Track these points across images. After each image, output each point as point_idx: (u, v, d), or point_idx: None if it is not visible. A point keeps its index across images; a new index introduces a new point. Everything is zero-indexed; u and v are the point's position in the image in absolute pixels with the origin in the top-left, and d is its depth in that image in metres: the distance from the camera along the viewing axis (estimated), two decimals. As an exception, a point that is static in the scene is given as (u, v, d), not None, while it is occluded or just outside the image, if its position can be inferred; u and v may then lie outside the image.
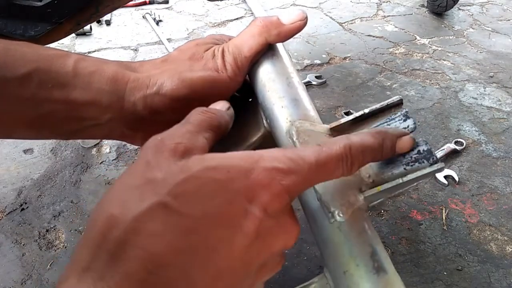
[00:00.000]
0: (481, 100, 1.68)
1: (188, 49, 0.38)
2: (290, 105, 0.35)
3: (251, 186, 0.24)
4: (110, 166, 1.31)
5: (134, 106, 0.35)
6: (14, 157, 1.33)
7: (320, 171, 0.26)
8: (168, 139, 0.25)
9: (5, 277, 0.98)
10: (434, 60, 1.98)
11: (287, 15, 0.37)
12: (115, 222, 0.21)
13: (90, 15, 0.87)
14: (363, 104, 1.61)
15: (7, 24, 0.76)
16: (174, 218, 0.21)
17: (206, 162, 0.24)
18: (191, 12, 2.42)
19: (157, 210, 0.21)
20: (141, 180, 0.23)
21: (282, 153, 0.25)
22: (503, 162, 1.36)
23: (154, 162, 0.24)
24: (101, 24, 2.22)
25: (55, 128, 0.35)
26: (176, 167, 0.23)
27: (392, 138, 0.29)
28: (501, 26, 2.36)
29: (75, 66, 0.33)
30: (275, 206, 0.24)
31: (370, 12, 2.48)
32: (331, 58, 1.96)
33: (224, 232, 0.22)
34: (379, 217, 1.15)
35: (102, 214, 0.22)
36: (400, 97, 0.34)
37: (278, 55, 0.38)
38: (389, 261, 0.28)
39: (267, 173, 0.24)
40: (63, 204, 1.17)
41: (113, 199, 0.23)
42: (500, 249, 1.07)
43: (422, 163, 0.30)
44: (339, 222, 0.29)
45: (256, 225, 0.23)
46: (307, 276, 0.99)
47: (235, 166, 0.24)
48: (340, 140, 0.27)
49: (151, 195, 0.22)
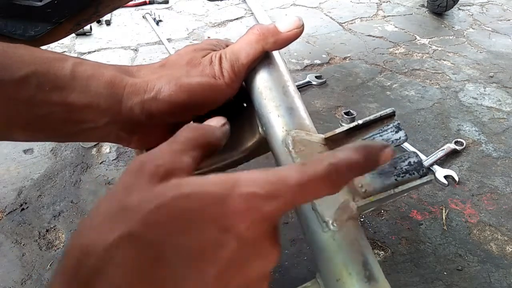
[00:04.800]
0: (481, 100, 1.68)
1: (186, 54, 0.38)
2: (286, 114, 0.36)
3: (226, 215, 0.22)
4: (110, 166, 1.31)
5: (131, 111, 0.35)
6: (14, 157, 1.33)
7: (304, 192, 0.24)
8: (149, 162, 0.25)
9: (5, 277, 0.98)
10: (434, 60, 1.98)
11: (284, 23, 0.38)
12: (87, 252, 0.21)
13: (90, 15, 0.87)
14: (363, 104, 1.61)
15: (7, 24, 0.76)
16: (143, 248, 0.21)
17: (181, 188, 0.23)
18: (191, 12, 2.42)
19: (125, 240, 0.21)
20: (116, 207, 0.23)
21: (261, 175, 0.24)
22: (503, 162, 1.36)
23: (133, 187, 0.23)
24: (101, 24, 2.22)
25: (52, 130, 0.35)
26: (151, 194, 0.23)
27: (376, 152, 0.29)
28: (501, 26, 2.36)
29: (73, 69, 0.33)
30: (252, 234, 0.23)
31: (370, 12, 2.48)
32: (331, 58, 1.96)
33: (195, 264, 0.22)
34: (379, 217, 1.15)
35: (77, 243, 0.22)
36: (393, 109, 0.35)
37: (275, 63, 0.39)
38: (380, 270, 0.30)
39: (243, 199, 0.23)
40: (63, 204, 1.17)
41: (88, 227, 0.23)
42: (500, 249, 1.07)
43: (412, 174, 0.32)
44: (333, 232, 0.30)
45: (230, 255, 0.22)
46: (307, 276, 0.99)
47: (209, 193, 0.23)
48: (325, 158, 0.25)
49: (122, 224, 0.21)
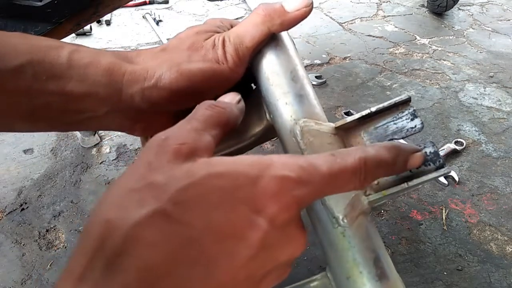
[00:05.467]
0: (481, 100, 1.68)
1: (187, 38, 0.36)
2: (295, 101, 0.33)
3: (259, 196, 0.22)
4: (110, 166, 1.31)
5: (132, 99, 0.33)
6: (14, 157, 1.33)
7: (332, 183, 0.24)
8: (172, 140, 0.24)
9: (5, 277, 0.98)
10: (434, 60, 1.98)
11: (291, 2, 0.35)
12: (112, 228, 0.20)
13: (90, 15, 0.87)
14: (363, 104, 1.61)
15: (7, 24, 0.76)
16: (175, 227, 0.20)
17: (212, 167, 0.22)
18: (191, 12, 2.42)
19: (157, 218, 0.20)
20: (141, 183, 0.21)
21: (293, 160, 0.24)
22: (503, 162, 1.36)
23: (156, 164, 0.22)
24: (101, 24, 2.22)
25: (51, 120, 0.34)
26: (180, 171, 0.22)
27: (406, 154, 0.28)
28: (501, 26, 2.36)
29: (69, 57, 0.32)
30: (283, 217, 0.23)
31: (370, 12, 2.48)
32: (331, 58, 1.95)
33: (227, 244, 0.21)
34: (379, 217, 1.15)
35: (99, 219, 0.21)
36: (408, 95, 0.32)
37: (282, 45, 0.36)
38: (392, 267, 0.29)
39: (277, 182, 0.22)
40: (63, 204, 1.17)
41: (111, 202, 0.21)
42: (500, 249, 1.07)
43: (428, 165, 0.30)
44: (343, 228, 0.29)
45: (261, 237, 0.22)
46: (308, 276, 0.99)
47: (243, 173, 0.22)
48: (355, 152, 0.25)
49: (151, 201, 0.20)
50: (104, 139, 1.41)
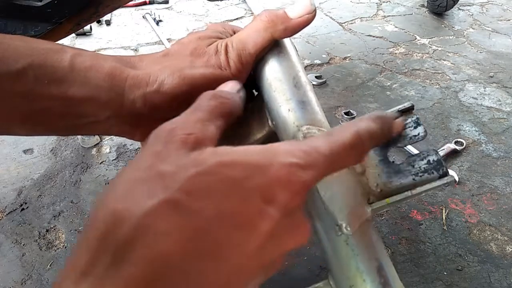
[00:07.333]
0: (481, 100, 1.68)
1: (189, 43, 0.36)
2: (297, 108, 0.33)
3: (269, 184, 0.22)
4: (110, 166, 1.31)
5: (134, 104, 0.33)
6: (14, 157, 1.33)
7: (334, 161, 0.25)
8: (179, 129, 0.24)
9: (5, 277, 0.98)
10: (434, 60, 1.98)
11: (294, 8, 0.35)
12: (120, 219, 0.19)
13: (90, 15, 0.87)
14: (363, 104, 1.61)
15: (7, 24, 0.76)
16: (185, 216, 0.20)
17: (220, 157, 0.22)
18: (191, 12, 2.42)
19: (167, 208, 0.20)
20: (149, 173, 0.21)
21: (295, 146, 0.24)
22: (503, 162, 1.36)
23: (164, 153, 0.22)
24: (101, 24, 2.22)
25: (52, 124, 0.33)
26: (188, 160, 0.22)
27: (390, 122, 0.30)
28: (501, 26, 2.36)
29: (71, 61, 0.32)
30: (293, 204, 0.23)
31: (370, 12, 2.48)
32: (331, 58, 1.95)
33: (238, 234, 0.21)
34: (379, 217, 1.15)
35: (106, 210, 0.20)
36: (412, 103, 0.33)
37: (285, 51, 0.36)
38: (395, 275, 0.28)
39: (286, 169, 0.22)
40: (63, 204, 1.17)
41: (118, 193, 0.21)
42: (500, 249, 1.07)
43: (431, 174, 0.30)
44: (346, 236, 0.29)
45: (272, 226, 0.22)
46: (308, 276, 0.99)
47: (252, 162, 0.22)
48: (348, 127, 0.26)
49: (161, 190, 0.20)
50: (104, 139, 1.41)
